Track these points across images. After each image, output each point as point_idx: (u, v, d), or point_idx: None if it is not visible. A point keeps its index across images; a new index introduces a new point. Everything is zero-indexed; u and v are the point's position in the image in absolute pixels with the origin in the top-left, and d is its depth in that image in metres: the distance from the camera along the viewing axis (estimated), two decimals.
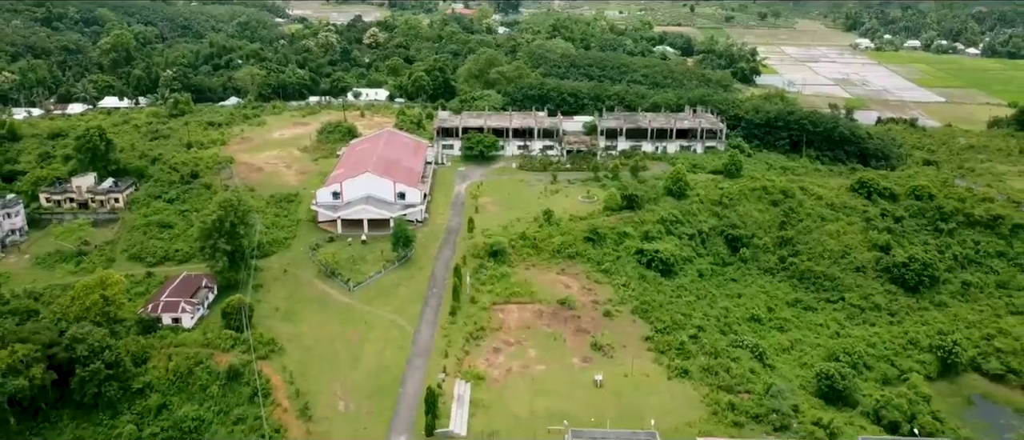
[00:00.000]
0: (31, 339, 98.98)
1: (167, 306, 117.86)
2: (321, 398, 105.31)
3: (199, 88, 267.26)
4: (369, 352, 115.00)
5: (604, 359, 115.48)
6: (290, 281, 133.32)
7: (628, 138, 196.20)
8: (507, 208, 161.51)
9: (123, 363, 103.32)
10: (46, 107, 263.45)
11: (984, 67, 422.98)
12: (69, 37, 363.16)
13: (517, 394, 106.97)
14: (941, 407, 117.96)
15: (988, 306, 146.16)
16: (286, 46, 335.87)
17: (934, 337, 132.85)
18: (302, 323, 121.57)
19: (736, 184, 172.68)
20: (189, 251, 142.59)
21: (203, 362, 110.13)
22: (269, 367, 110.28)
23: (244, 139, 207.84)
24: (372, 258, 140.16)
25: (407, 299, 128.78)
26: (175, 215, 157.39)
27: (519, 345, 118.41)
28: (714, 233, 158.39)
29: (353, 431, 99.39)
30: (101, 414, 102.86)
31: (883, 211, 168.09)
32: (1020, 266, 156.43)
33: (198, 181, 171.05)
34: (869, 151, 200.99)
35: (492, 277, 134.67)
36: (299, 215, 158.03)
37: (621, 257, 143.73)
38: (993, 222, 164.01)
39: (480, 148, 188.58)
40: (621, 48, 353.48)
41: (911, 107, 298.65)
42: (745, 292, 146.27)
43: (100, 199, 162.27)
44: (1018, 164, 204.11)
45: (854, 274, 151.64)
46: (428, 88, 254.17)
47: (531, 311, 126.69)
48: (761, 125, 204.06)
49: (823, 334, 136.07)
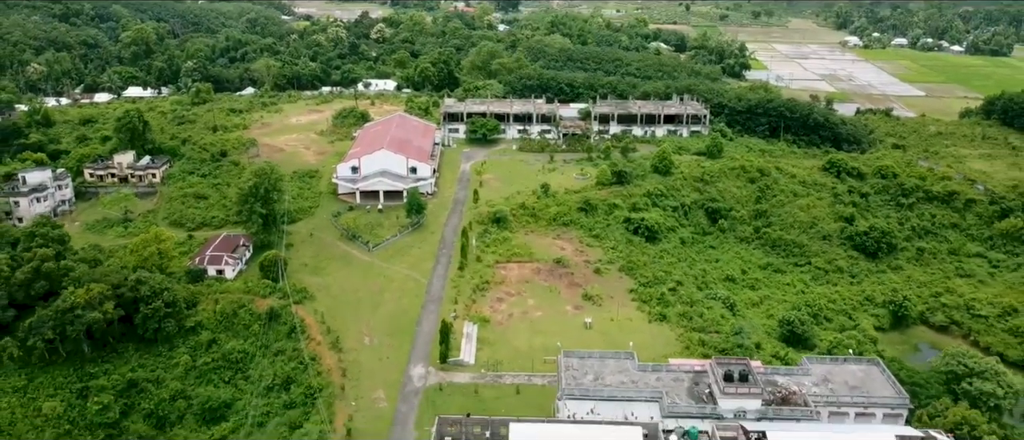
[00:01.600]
0: (103, 280, 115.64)
1: (212, 259, 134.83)
2: (349, 335, 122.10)
3: (217, 79, 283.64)
4: (388, 299, 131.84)
5: (593, 307, 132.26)
6: (316, 242, 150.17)
7: (619, 123, 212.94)
8: (508, 183, 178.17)
9: (179, 303, 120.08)
10: (73, 96, 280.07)
11: (966, 63, 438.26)
12: (87, 32, 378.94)
13: (517, 333, 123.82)
14: (890, 352, 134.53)
15: (939, 270, 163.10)
16: (298, 40, 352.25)
17: (888, 294, 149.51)
18: (329, 276, 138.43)
19: (717, 164, 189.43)
20: (224, 217, 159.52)
21: (245, 306, 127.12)
22: (302, 310, 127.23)
23: (264, 124, 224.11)
24: (388, 224, 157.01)
25: (420, 257, 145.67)
26: (208, 188, 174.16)
27: (519, 295, 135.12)
28: (696, 206, 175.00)
29: (378, 360, 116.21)
30: (160, 347, 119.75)
31: (850, 188, 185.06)
32: (970, 236, 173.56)
33: (227, 159, 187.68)
34: (842, 136, 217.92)
35: (495, 240, 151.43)
36: (320, 188, 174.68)
37: (611, 225, 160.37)
38: (949, 197, 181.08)
39: (483, 131, 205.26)
40: (616, 44, 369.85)
41: (892, 100, 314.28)
42: (722, 257, 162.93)
43: (139, 174, 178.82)
44: (979, 148, 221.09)
45: (820, 242, 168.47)
46: (433, 79, 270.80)
47: (530, 268, 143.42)
48: (743, 112, 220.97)
49: (790, 292, 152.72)
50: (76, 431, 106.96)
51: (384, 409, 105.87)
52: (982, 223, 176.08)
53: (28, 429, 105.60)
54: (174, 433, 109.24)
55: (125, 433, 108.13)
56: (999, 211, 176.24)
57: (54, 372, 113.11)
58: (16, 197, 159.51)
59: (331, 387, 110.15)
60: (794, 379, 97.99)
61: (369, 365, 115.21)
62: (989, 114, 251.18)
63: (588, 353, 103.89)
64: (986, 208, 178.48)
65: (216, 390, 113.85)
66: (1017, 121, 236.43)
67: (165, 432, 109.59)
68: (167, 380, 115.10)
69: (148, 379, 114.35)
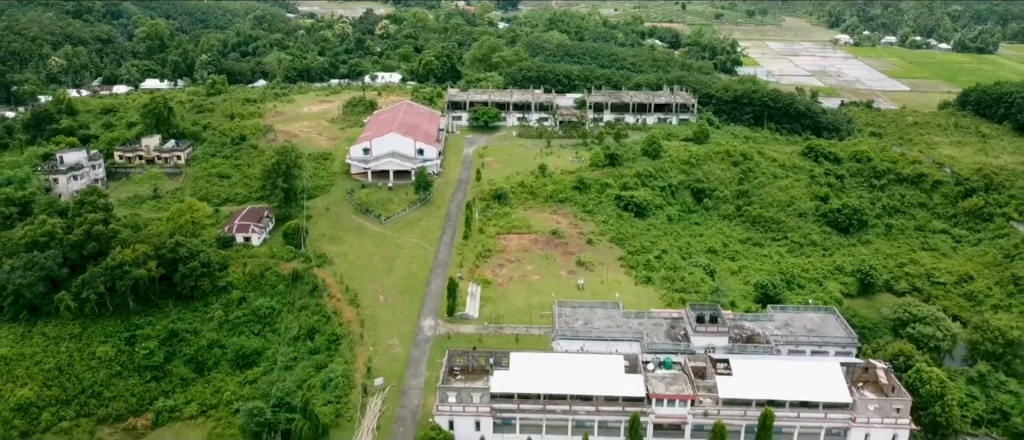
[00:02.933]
0: (146, 241, 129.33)
1: (239, 228, 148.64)
2: (365, 294, 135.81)
3: (230, 71, 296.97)
4: (400, 264, 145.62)
5: (585, 271, 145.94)
6: (332, 216, 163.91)
7: (613, 111, 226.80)
8: (508, 165, 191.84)
9: (212, 264, 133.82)
10: (92, 88, 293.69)
11: (953, 60, 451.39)
12: (100, 28, 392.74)
13: (517, 293, 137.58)
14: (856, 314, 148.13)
15: (906, 244, 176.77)
16: (305, 36, 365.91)
17: (857, 265, 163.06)
18: (345, 244, 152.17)
19: (703, 148, 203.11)
20: (246, 194, 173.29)
21: (271, 268, 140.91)
22: (322, 272, 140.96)
23: (278, 113, 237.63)
24: (398, 200, 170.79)
25: (428, 229, 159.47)
26: (230, 168, 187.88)
27: (518, 262, 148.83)
28: (682, 186, 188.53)
29: (392, 314, 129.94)
30: (196, 303, 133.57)
31: (827, 171, 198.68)
32: (936, 214, 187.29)
33: (246, 143, 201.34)
34: (822, 124, 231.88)
35: (496, 215, 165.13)
36: (334, 169, 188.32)
37: (603, 202, 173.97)
38: (918, 179, 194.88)
39: (485, 118, 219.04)
40: (612, 40, 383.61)
41: (877, 95, 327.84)
42: (705, 232, 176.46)
43: (165, 156, 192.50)
44: (951, 136, 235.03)
45: (797, 219, 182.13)
46: (437, 71, 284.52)
47: (528, 239, 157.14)
48: (729, 102, 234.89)
49: (767, 262, 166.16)
50: (126, 372, 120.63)
51: (399, 353, 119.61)
52: (947, 202, 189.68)
53: (85, 369, 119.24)
54: (212, 376, 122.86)
55: (169, 375, 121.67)
56: (963, 191, 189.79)
57: (104, 322, 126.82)
58: (55, 175, 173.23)
59: (351, 335, 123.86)
60: (759, 324, 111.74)
61: (384, 318, 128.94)
62: (964, 105, 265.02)
63: (579, 303, 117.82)
64: (952, 189, 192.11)
65: (247, 340, 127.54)
66: (988, 111, 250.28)
67: (204, 375, 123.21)
68: (203, 331, 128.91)
69: (187, 330, 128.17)
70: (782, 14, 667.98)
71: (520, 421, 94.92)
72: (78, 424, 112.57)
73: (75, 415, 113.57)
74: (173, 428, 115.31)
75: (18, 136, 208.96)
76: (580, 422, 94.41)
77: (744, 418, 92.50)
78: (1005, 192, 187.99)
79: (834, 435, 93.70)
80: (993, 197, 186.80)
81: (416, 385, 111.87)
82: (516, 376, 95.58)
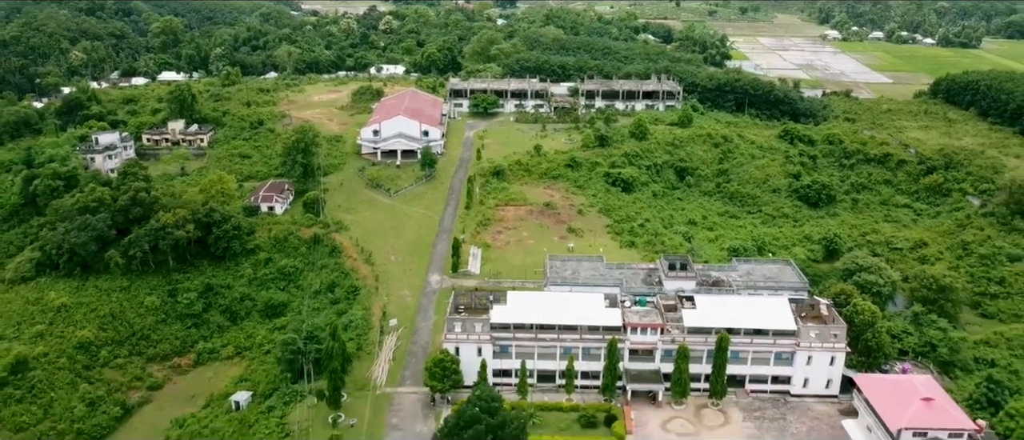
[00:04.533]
0: (184, 207, 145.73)
1: (264, 198, 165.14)
2: (378, 255, 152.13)
3: (243, 64, 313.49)
4: (408, 230, 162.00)
5: (576, 237, 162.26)
6: (346, 190, 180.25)
7: (604, 98, 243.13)
8: (506, 146, 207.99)
9: (242, 228, 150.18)
10: (112, 80, 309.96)
11: (937, 55, 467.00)
12: (114, 24, 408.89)
13: (513, 254, 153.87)
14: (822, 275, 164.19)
15: (870, 216, 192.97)
16: (313, 30, 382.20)
17: (824, 233, 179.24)
18: (359, 214, 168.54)
19: (687, 131, 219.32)
20: (266, 171, 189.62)
21: (293, 233, 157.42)
22: (339, 236, 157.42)
23: (291, 101, 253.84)
24: (405, 176, 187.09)
25: (433, 201, 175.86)
26: (250, 149, 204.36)
27: (515, 229, 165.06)
28: (666, 166, 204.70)
29: (402, 271, 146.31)
30: (228, 262, 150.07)
31: (801, 152, 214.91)
32: (900, 190, 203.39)
33: (263, 127, 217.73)
34: (799, 110, 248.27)
35: (495, 189, 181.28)
36: (346, 150, 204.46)
37: (593, 178, 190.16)
38: (884, 159, 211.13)
39: (484, 105, 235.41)
40: (607, 35, 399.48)
41: (860, 86, 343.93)
42: (687, 207, 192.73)
43: (189, 139, 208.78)
44: (920, 121, 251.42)
45: (771, 194, 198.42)
46: (439, 63, 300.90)
47: (524, 210, 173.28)
48: (713, 89, 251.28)
49: (742, 232, 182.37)
50: (169, 319, 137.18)
51: (410, 302, 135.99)
52: (911, 180, 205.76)
53: (134, 316, 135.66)
54: (244, 324, 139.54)
55: (207, 323, 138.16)
56: (925, 169, 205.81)
57: (148, 278, 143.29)
58: (92, 154, 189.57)
59: (367, 288, 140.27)
60: (724, 273, 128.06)
61: (396, 274, 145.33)
62: (935, 94, 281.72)
63: (568, 256, 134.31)
64: (915, 167, 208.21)
65: (275, 294, 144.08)
66: (957, 98, 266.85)
67: (237, 323, 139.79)
68: (235, 286, 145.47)
69: (221, 285, 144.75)
70: (774, 11, 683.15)
71: (515, 348, 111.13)
72: (131, 361, 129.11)
73: (128, 354, 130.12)
74: (212, 367, 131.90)
75: (51, 121, 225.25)
76: (566, 348, 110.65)
77: (705, 344, 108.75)
78: (963, 170, 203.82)
79: (782, 359, 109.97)
80: (952, 174, 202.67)
81: (425, 327, 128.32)
82: (513, 310, 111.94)
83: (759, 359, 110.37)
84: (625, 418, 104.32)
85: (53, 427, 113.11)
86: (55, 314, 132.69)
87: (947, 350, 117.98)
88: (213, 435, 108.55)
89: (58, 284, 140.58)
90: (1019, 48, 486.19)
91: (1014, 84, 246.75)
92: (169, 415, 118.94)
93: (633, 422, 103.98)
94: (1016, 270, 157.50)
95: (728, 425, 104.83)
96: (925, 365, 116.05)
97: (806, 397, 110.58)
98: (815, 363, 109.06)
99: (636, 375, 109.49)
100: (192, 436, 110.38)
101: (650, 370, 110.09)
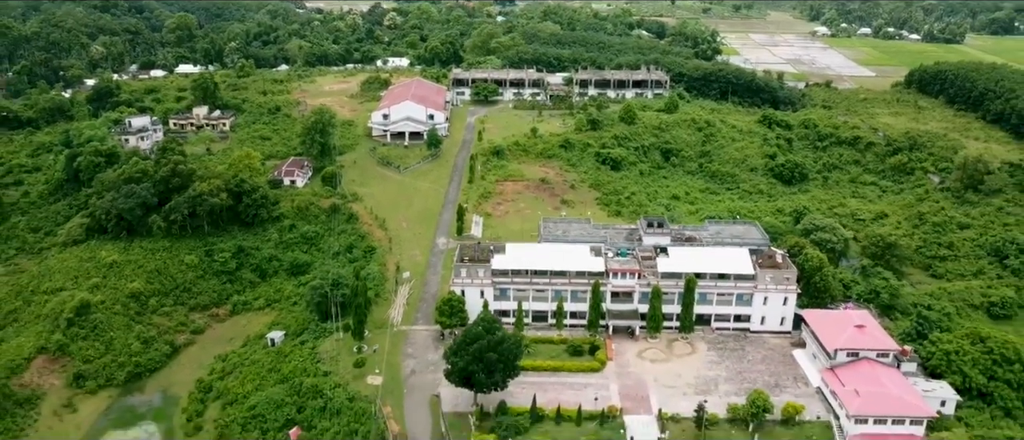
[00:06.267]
0: (218, 177, 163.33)
1: (286, 172, 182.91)
2: (390, 221, 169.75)
3: (255, 57, 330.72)
4: (417, 201, 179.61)
5: (568, 207, 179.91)
6: (359, 167, 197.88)
7: (596, 87, 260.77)
8: (505, 130, 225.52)
9: (268, 197, 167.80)
10: (131, 72, 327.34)
11: (921, 50, 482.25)
12: (128, 21, 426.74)
13: (512, 222, 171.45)
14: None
15: (839, 193, 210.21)
16: (320, 25, 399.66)
17: (795, 206, 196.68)
18: (372, 187, 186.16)
19: (673, 117, 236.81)
20: (285, 151, 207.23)
21: (314, 203, 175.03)
22: (355, 206, 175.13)
23: (303, 91, 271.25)
24: (413, 155, 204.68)
25: (439, 177, 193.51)
26: (270, 131, 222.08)
27: (513, 201, 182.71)
28: (653, 147, 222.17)
29: (412, 235, 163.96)
30: (256, 228, 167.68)
31: (778, 135, 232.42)
32: (867, 169, 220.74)
33: (280, 112, 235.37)
34: (779, 98, 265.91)
35: (495, 167, 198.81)
36: (357, 133, 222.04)
37: (585, 157, 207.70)
38: (854, 141, 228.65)
39: (485, 93, 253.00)
40: (602, 31, 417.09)
41: (845, 79, 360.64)
42: (671, 184, 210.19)
43: (213, 123, 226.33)
44: (892, 108, 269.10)
45: (749, 173, 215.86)
46: (442, 56, 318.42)
47: (521, 185, 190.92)
48: (698, 79, 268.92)
49: (720, 206, 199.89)
50: (207, 275, 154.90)
51: (420, 260, 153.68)
52: (878, 160, 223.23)
53: (177, 271, 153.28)
54: (272, 280, 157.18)
55: (239, 279, 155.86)
56: (892, 150, 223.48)
57: (187, 240, 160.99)
58: (126, 135, 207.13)
59: (382, 248, 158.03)
60: (697, 231, 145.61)
61: (407, 237, 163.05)
62: (909, 84, 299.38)
63: (559, 219, 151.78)
64: (882, 149, 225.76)
65: (299, 255, 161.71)
66: (928, 88, 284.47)
67: (266, 280, 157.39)
68: (264, 248, 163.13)
69: (251, 247, 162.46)
70: (768, 9, 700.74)
71: (513, 291, 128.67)
72: (176, 310, 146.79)
73: (173, 303, 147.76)
74: (246, 316, 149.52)
75: (83, 108, 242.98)
76: (557, 291, 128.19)
77: (676, 287, 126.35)
78: (925, 150, 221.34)
79: (742, 300, 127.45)
80: (916, 155, 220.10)
81: (434, 279, 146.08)
82: (511, 258, 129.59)
83: (723, 300, 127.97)
84: (607, 348, 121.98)
85: (114, 359, 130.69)
86: (107, 269, 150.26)
87: (888, 296, 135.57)
88: (253, 365, 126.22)
89: (107, 245, 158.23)
90: (1002, 44, 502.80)
91: (978, 74, 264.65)
92: (212, 353, 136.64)
93: (614, 351, 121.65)
94: (964, 236, 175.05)
95: (694, 354, 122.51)
96: (867, 307, 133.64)
97: (763, 333, 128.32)
98: (770, 303, 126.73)
99: (617, 314, 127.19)
100: (235, 366, 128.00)
101: (629, 309, 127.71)
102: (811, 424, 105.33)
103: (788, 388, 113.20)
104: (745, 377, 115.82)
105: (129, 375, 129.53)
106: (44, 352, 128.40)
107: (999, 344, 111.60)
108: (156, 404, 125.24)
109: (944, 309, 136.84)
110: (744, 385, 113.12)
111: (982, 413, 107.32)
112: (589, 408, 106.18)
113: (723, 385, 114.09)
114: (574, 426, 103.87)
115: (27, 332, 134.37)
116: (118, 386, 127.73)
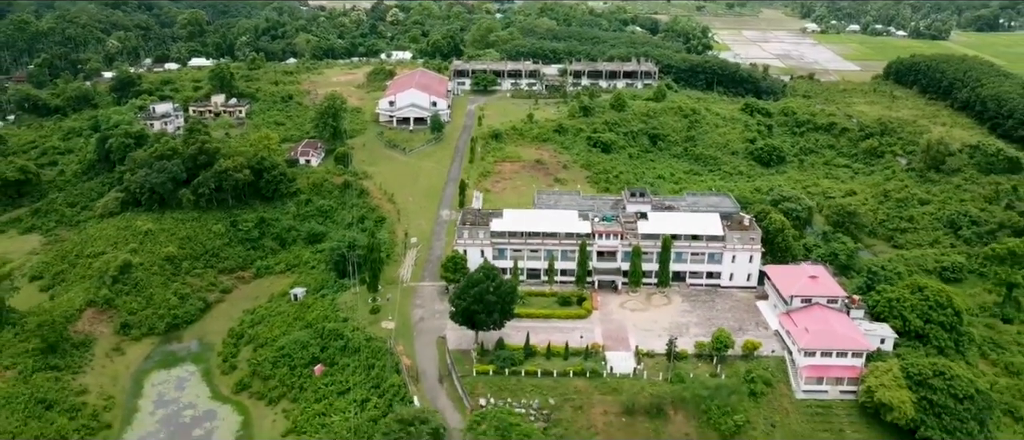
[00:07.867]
0: (240, 155, 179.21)
1: (302, 153, 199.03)
2: (398, 196, 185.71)
3: (265, 50, 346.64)
4: (422, 179, 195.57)
5: (561, 185, 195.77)
6: (368, 149, 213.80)
7: (589, 78, 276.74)
8: (503, 116, 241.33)
9: (287, 174, 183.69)
10: (146, 66, 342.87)
11: (907, 46, 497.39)
12: (139, 17, 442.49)
13: (510, 198, 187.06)
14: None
15: (814, 174, 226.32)
16: (326, 21, 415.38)
17: (771, 186, 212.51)
18: (380, 166, 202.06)
19: (660, 105, 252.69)
20: (299, 135, 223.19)
21: (327, 180, 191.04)
22: (366, 182, 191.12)
23: (312, 82, 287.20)
24: (417, 139, 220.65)
25: (442, 157, 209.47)
26: (283, 118, 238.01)
27: (511, 179, 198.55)
28: (641, 133, 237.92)
29: (418, 208, 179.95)
30: (275, 202, 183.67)
31: (759, 122, 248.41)
32: (841, 153, 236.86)
33: (292, 100, 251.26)
34: (762, 88, 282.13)
35: (494, 149, 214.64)
36: (365, 119, 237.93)
37: (577, 141, 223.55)
38: (829, 127, 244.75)
39: (484, 83, 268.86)
40: (597, 27, 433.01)
41: (830, 73, 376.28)
42: (657, 166, 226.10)
43: (230, 110, 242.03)
44: (869, 98, 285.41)
45: (730, 156, 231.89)
46: (443, 49, 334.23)
47: (518, 165, 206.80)
48: (686, 70, 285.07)
49: (702, 185, 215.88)
50: (233, 243, 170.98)
51: (425, 229, 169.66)
52: (851, 144, 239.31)
53: (206, 239, 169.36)
54: (292, 248, 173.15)
55: (262, 247, 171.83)
56: (864, 135, 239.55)
57: (213, 212, 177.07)
58: (151, 120, 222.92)
59: (391, 219, 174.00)
60: (676, 201, 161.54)
61: (413, 210, 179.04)
62: (887, 76, 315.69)
63: (552, 192, 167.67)
64: (855, 134, 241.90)
65: (315, 226, 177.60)
66: (904, 79, 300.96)
67: (286, 248, 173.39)
68: (283, 220, 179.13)
69: (271, 218, 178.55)
70: (761, 6, 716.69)
71: (510, 251, 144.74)
72: (206, 272, 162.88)
73: (203, 267, 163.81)
74: (269, 279, 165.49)
75: (106, 96, 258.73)
76: (549, 250, 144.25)
77: (655, 246, 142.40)
78: (895, 135, 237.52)
79: (713, 258, 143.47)
80: (886, 140, 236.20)
81: (439, 245, 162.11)
82: (508, 221, 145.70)
83: (696, 259, 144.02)
84: (592, 300, 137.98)
85: (155, 312, 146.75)
86: (143, 236, 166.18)
87: (846, 257, 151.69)
88: (279, 316, 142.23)
89: (141, 216, 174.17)
90: (986, 40, 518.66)
91: (948, 65, 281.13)
92: (240, 308, 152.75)
93: (599, 302, 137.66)
94: (924, 211, 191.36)
95: (670, 305, 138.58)
96: (825, 265, 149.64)
97: (732, 288, 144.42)
98: (738, 261, 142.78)
99: (602, 271, 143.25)
100: (263, 318, 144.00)
101: (613, 267, 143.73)
102: (768, 358, 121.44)
103: (750, 331, 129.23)
104: (713, 322, 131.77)
105: (168, 325, 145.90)
106: (93, 305, 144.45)
107: (935, 292, 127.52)
108: (194, 350, 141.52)
109: (895, 269, 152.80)
110: (712, 329, 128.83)
111: (917, 350, 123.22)
112: (576, 345, 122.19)
113: (693, 329, 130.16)
114: (562, 360, 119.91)
115: (75, 288, 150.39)
116: (159, 334, 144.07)
